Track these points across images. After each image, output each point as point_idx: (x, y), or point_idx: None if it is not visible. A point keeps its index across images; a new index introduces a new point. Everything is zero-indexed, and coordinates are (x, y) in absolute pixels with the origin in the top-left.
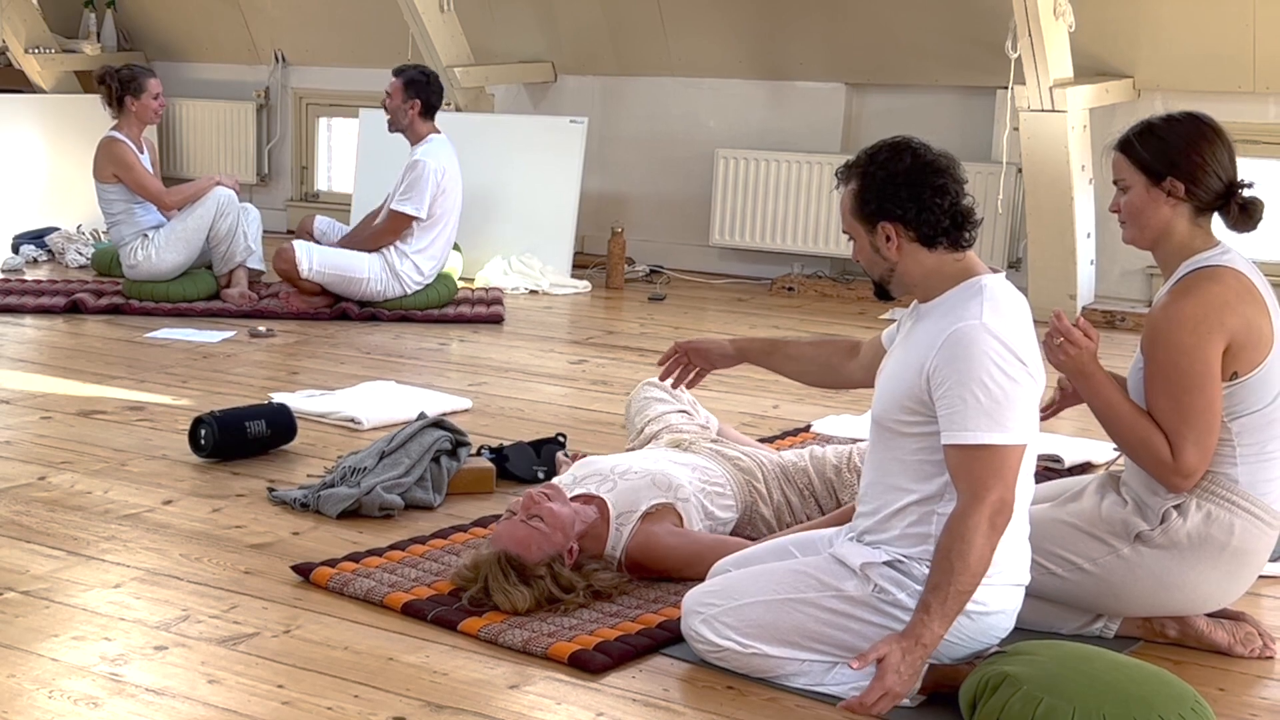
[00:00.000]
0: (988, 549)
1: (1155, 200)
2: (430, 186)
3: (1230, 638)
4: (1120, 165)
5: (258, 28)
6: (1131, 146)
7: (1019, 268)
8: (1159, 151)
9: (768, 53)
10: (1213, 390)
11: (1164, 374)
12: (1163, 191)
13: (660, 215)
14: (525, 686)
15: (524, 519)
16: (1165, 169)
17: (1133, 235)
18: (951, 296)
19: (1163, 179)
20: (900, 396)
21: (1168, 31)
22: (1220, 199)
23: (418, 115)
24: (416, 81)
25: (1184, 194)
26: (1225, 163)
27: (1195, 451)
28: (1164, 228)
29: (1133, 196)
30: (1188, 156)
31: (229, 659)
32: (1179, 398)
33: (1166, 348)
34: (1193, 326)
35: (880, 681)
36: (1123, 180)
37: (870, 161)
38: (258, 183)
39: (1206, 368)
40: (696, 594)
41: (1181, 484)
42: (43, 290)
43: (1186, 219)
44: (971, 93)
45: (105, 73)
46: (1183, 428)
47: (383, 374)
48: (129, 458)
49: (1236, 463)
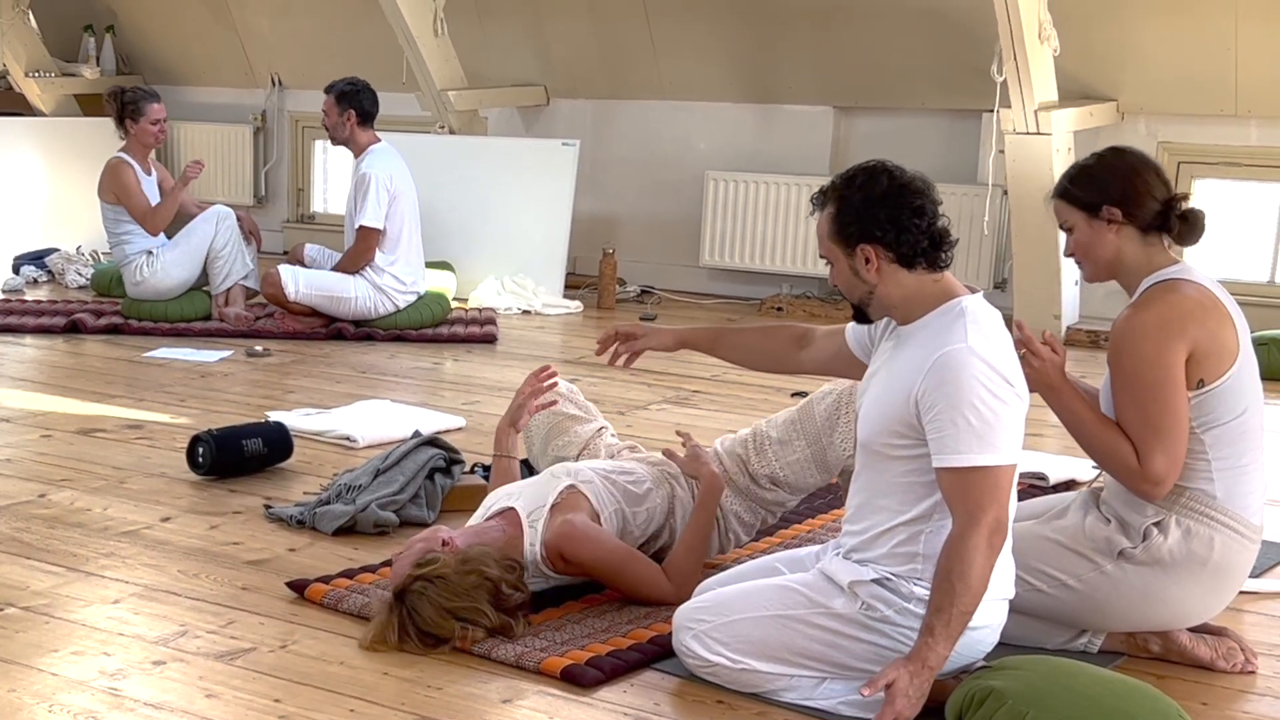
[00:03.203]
0: (987, 568)
1: (1099, 231)
2: (381, 195)
3: (1213, 653)
4: (1061, 209)
5: (255, 52)
6: (1067, 190)
7: (1004, 288)
8: (1092, 187)
9: (757, 76)
10: (1176, 397)
11: (1127, 383)
12: (1103, 221)
13: (651, 236)
14: (518, 701)
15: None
16: (1100, 200)
17: (1090, 272)
18: (933, 319)
19: (1099, 209)
20: (888, 421)
21: (1151, 56)
22: (1160, 217)
23: (355, 125)
24: (347, 93)
25: (1123, 218)
26: (1156, 182)
27: (1163, 459)
28: (1115, 255)
29: (1078, 234)
30: (1118, 184)
31: (226, 674)
32: (1143, 405)
33: (1129, 356)
34: (1153, 334)
35: (890, 706)
36: (1067, 222)
37: (847, 185)
38: (255, 205)
39: (1168, 374)
40: (687, 610)
41: (1152, 491)
42: (43, 310)
43: (1135, 241)
44: (958, 116)
45: (112, 92)
46: (1148, 435)
47: (377, 393)
48: (128, 475)
49: (1213, 478)
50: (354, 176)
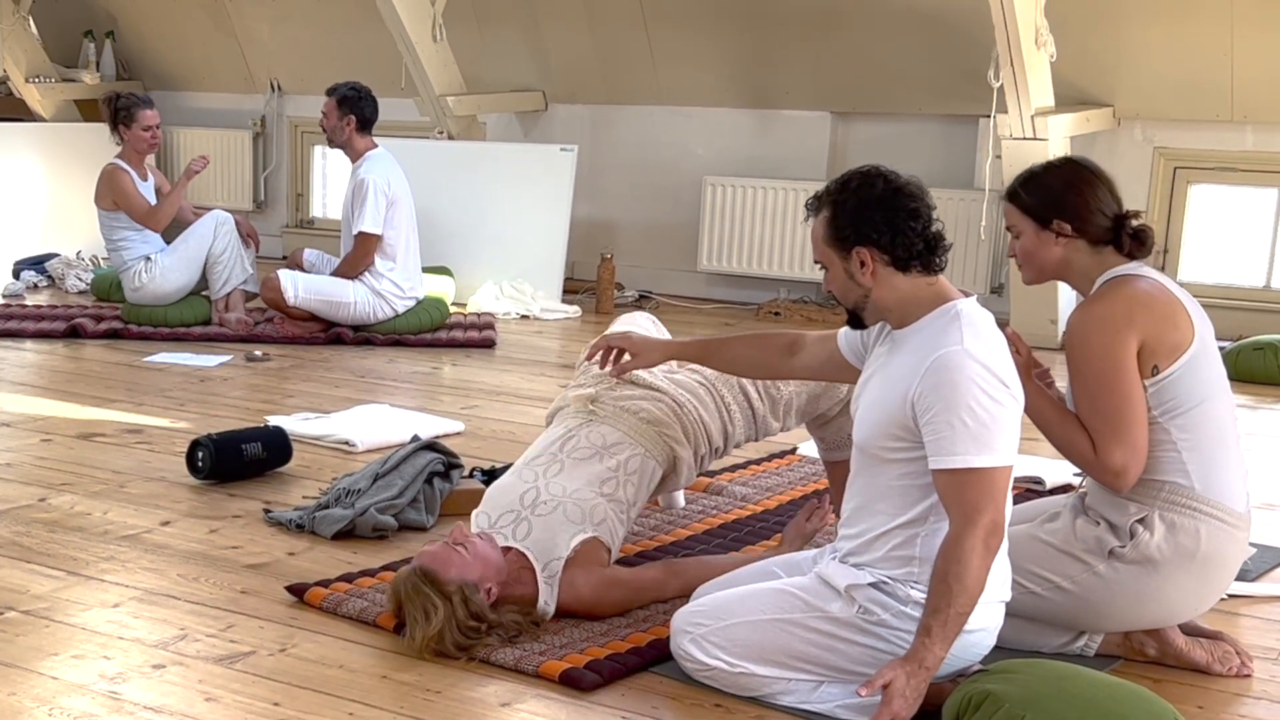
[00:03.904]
0: (983, 570)
1: (1045, 243)
2: (379, 201)
3: (1208, 656)
4: (1010, 213)
5: (254, 58)
6: (1018, 195)
7: (1001, 293)
8: (1042, 197)
9: (754, 82)
10: (1128, 387)
11: (1080, 375)
12: (1052, 234)
13: (649, 241)
14: (517, 704)
15: (449, 544)
16: (1051, 213)
17: (1029, 276)
18: (928, 323)
19: (1049, 223)
20: (885, 424)
21: (1147, 61)
22: (1110, 232)
23: (354, 130)
24: (349, 98)
25: (1071, 232)
26: (1107, 199)
27: (1119, 450)
28: (1058, 265)
29: (1025, 241)
30: (1069, 199)
31: (226, 677)
32: (1095, 396)
33: (1080, 349)
34: (1103, 326)
35: (887, 707)
36: (1014, 227)
37: (842, 189)
38: (254, 210)
39: (1119, 364)
40: (685, 614)
41: (1115, 483)
42: (43, 315)
43: (1083, 251)
44: (954, 121)
45: (106, 98)
46: (1102, 426)
47: (376, 397)
48: (128, 479)
49: (1187, 469)
50: (351, 182)
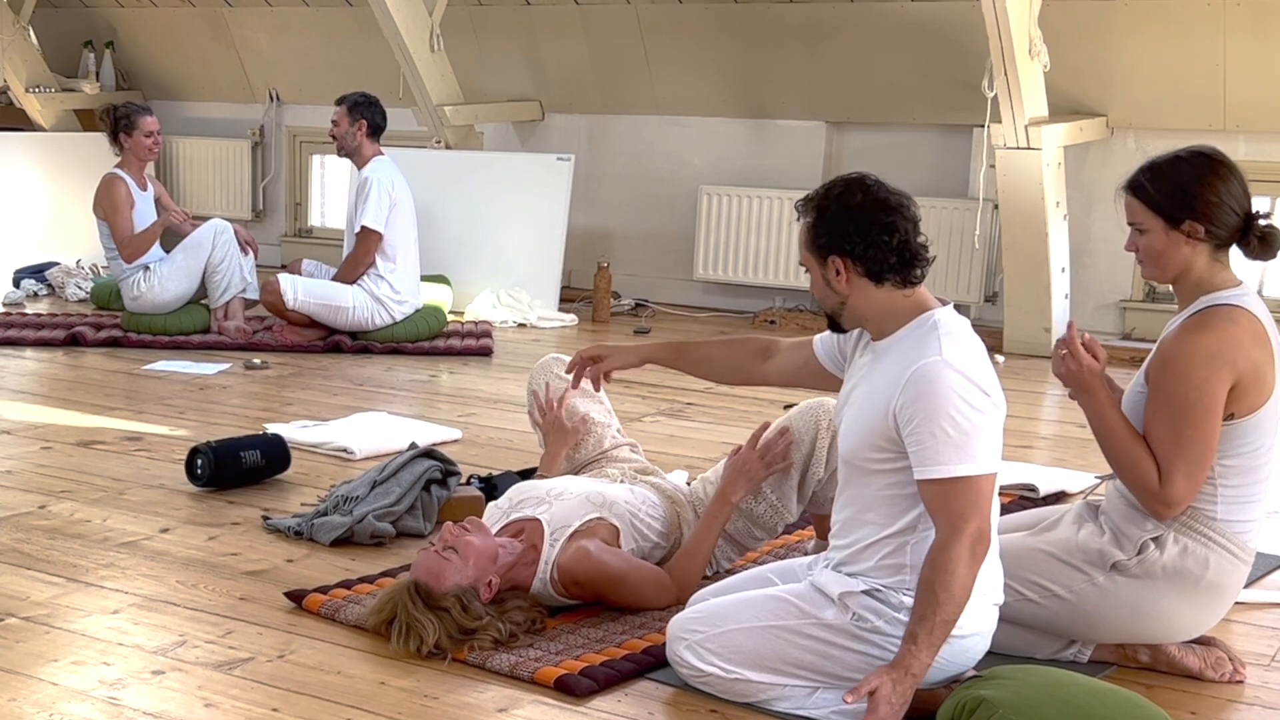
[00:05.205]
0: (970, 578)
1: (1175, 243)
2: (383, 199)
3: (1201, 663)
4: (1134, 209)
5: (253, 68)
6: (1144, 189)
7: (995, 301)
8: (1173, 194)
9: (750, 92)
10: (1213, 426)
11: (1168, 403)
12: (1182, 234)
13: (645, 250)
14: (513, 710)
15: (439, 550)
16: (1183, 213)
17: (1153, 274)
18: (907, 334)
19: (1181, 222)
20: (869, 436)
21: (1140, 71)
22: (1238, 233)
23: (365, 136)
24: (360, 104)
25: (1203, 235)
26: (1240, 196)
27: (1185, 482)
28: (1183, 266)
29: (1152, 240)
30: (1203, 197)
31: (224, 683)
32: (1179, 428)
33: (1176, 378)
34: (1205, 361)
35: (874, 713)
36: (1139, 223)
37: (825, 196)
38: (252, 218)
39: (1213, 402)
40: (681, 620)
41: (1164, 512)
42: (43, 324)
43: (1205, 255)
44: (949, 131)
45: (104, 110)
46: (1176, 458)
47: (374, 405)
48: (127, 487)
49: (1217, 501)
50: (355, 181)
